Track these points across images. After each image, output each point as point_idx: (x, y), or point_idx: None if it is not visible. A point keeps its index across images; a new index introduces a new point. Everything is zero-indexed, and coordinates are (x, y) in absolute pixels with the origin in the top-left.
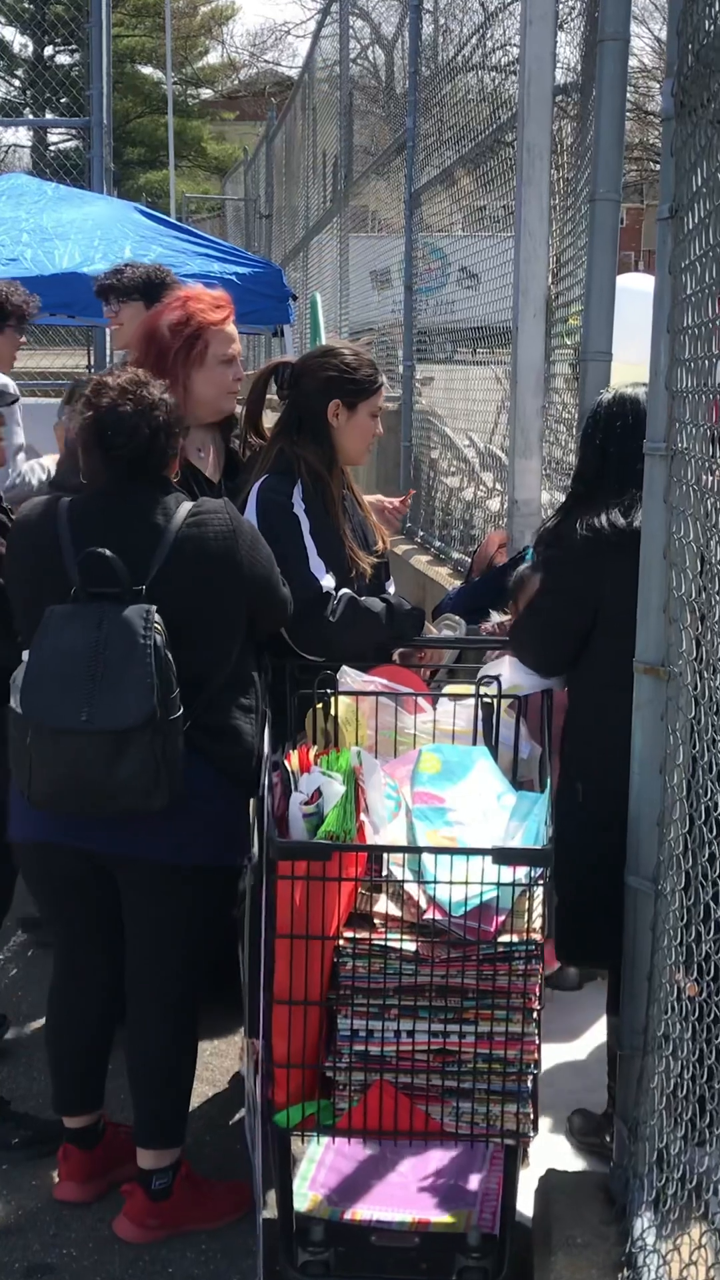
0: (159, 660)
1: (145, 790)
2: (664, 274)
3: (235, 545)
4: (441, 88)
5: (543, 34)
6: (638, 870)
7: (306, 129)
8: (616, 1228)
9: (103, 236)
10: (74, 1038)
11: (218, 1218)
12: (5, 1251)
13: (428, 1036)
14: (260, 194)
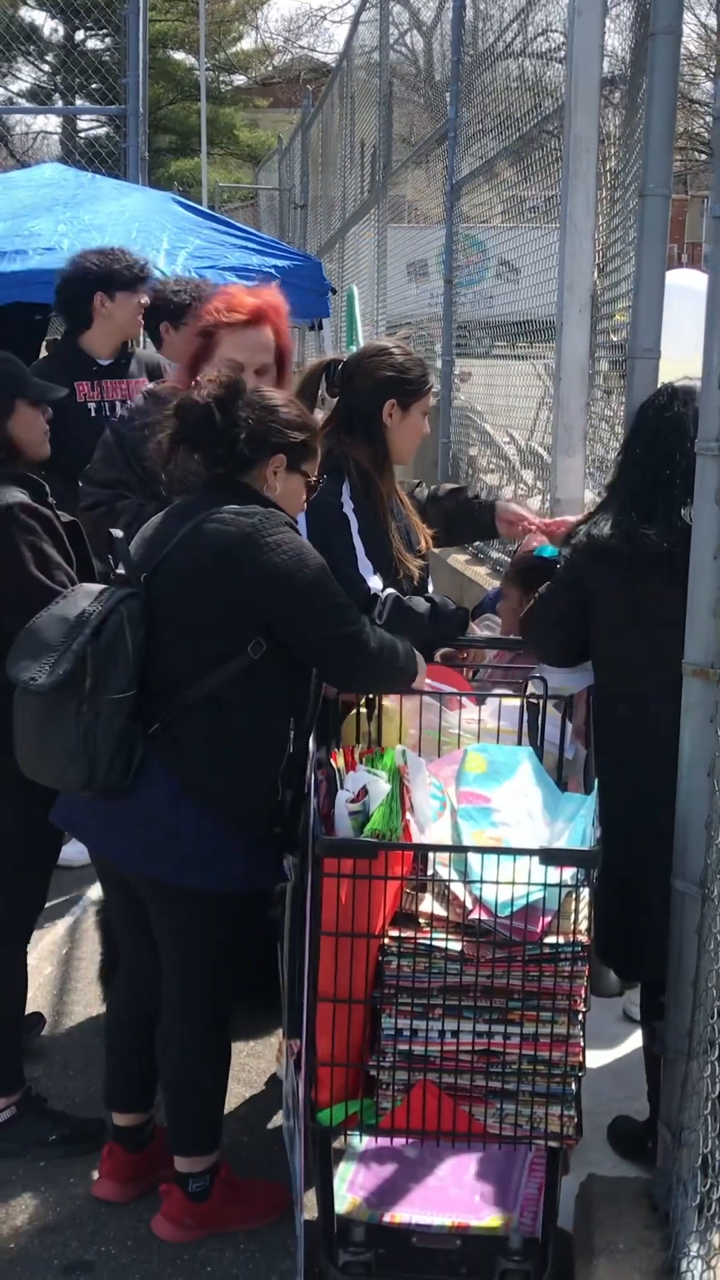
0: (107, 635)
1: (64, 763)
2: (716, 272)
3: (242, 546)
4: (483, 75)
5: (590, 25)
6: (684, 874)
7: (344, 117)
8: (660, 1234)
9: (140, 229)
10: (126, 1034)
11: (256, 1219)
12: (44, 1248)
13: (472, 1037)
14: (295, 183)
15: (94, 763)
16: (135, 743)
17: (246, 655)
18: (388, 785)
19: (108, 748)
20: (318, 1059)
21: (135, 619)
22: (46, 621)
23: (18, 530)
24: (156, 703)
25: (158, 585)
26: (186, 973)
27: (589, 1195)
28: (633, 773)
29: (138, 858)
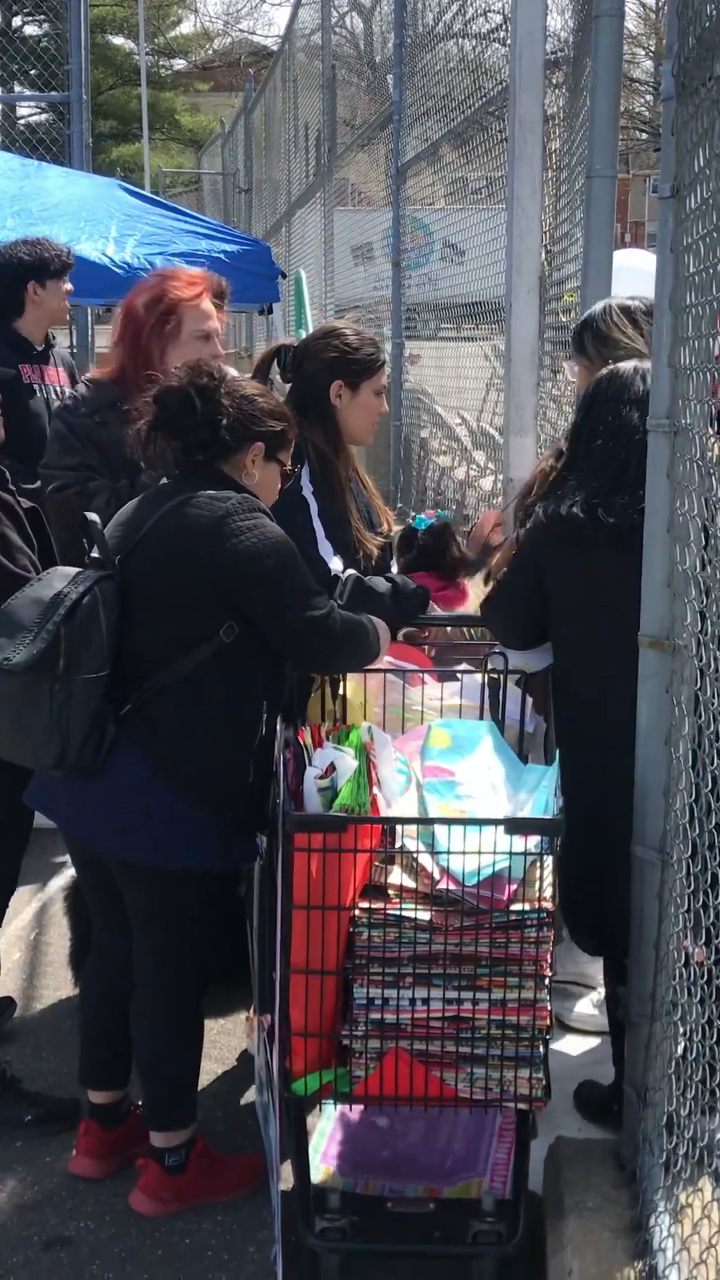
0: (81, 617)
1: (39, 742)
2: (665, 253)
3: (214, 531)
4: (424, 57)
5: (533, 8)
6: (644, 841)
7: (287, 100)
8: (627, 1192)
9: (88, 217)
10: (100, 1013)
11: (232, 1191)
12: (23, 1226)
13: (442, 1004)
14: (239, 168)
15: (66, 742)
16: (107, 723)
17: (219, 638)
18: (355, 761)
19: (81, 727)
20: (291, 1030)
21: (109, 601)
22: (22, 603)
23: None
24: (129, 684)
25: (132, 568)
26: (160, 951)
27: (557, 1157)
28: (596, 750)
29: (111, 839)
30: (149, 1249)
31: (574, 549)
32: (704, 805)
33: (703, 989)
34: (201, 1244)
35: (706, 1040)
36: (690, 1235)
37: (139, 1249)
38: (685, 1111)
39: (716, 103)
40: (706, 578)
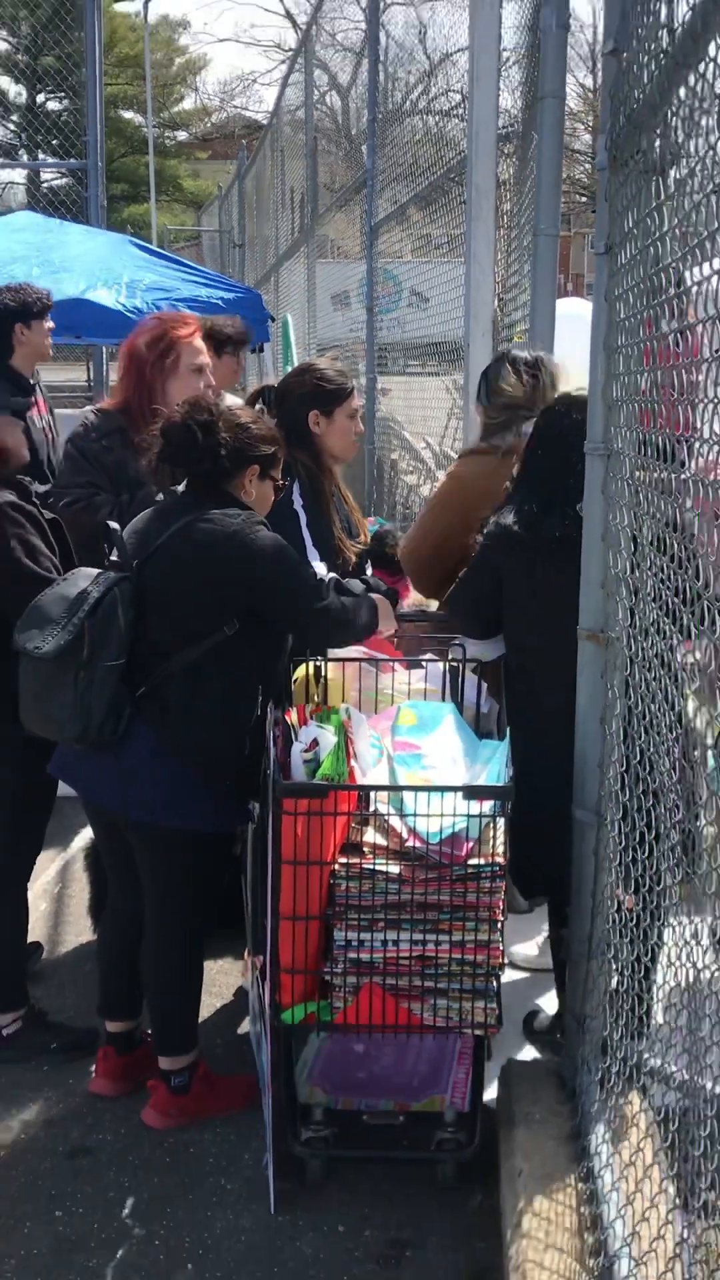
0: (103, 611)
1: (63, 720)
2: (600, 301)
3: (218, 545)
4: (392, 130)
5: (487, 91)
6: (583, 805)
7: (275, 167)
8: (569, 1105)
9: (104, 268)
10: (116, 955)
11: (229, 1107)
12: (50, 1138)
13: (410, 945)
14: (234, 225)
15: (89, 720)
16: (124, 704)
17: (222, 632)
18: (334, 737)
19: (100, 707)
20: (281, 967)
21: (127, 599)
22: (50, 599)
23: (7, 524)
24: (144, 671)
25: (148, 572)
26: (166, 901)
27: (509, 1077)
28: (542, 727)
29: (125, 803)
30: (159, 1157)
31: (521, 555)
32: (633, 775)
33: (632, 931)
34: (204, 1152)
35: (635, 975)
36: (621, 1140)
37: (150, 1157)
38: (617, 1036)
39: (643, 173)
40: (635, 580)
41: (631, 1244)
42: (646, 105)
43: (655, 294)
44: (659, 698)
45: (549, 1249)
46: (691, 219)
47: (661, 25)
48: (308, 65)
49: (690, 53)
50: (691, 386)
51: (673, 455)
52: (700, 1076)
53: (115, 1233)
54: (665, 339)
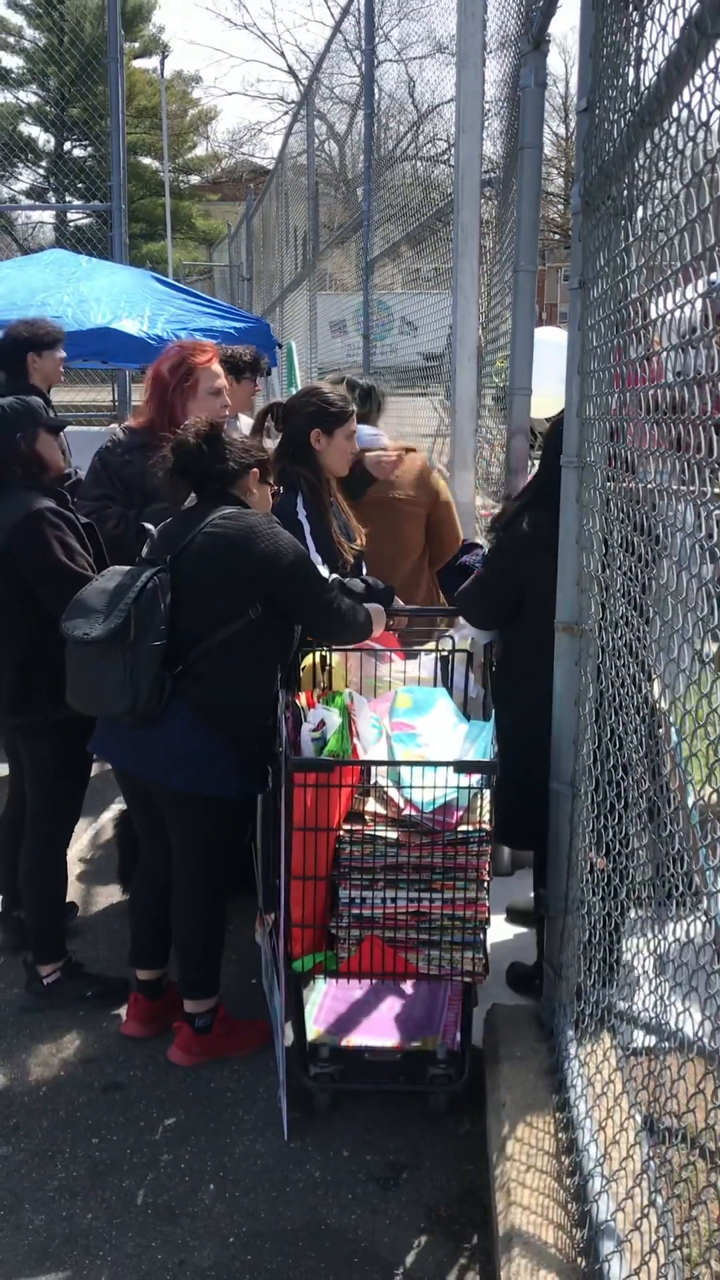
0: (144, 600)
1: (114, 695)
2: (574, 330)
3: (244, 539)
4: (385, 174)
5: (472, 141)
6: (559, 778)
7: (280, 209)
8: (547, 1044)
9: (127, 300)
10: (146, 910)
11: (246, 1047)
12: (86, 1074)
13: (406, 902)
14: (242, 260)
15: (136, 695)
16: (165, 680)
17: (247, 616)
18: (339, 718)
19: (146, 684)
20: (292, 922)
21: (165, 587)
22: (91, 593)
23: (47, 527)
24: (179, 652)
25: (181, 566)
26: (195, 860)
27: (493, 1019)
28: (534, 706)
29: (162, 772)
30: (183, 1090)
31: (545, 558)
32: (604, 751)
33: (603, 889)
34: (223, 1087)
35: (606, 928)
36: (594, 1074)
37: (176, 1091)
38: (590, 983)
39: (613, 217)
40: (605, 578)
41: (603, 1164)
42: (616, 157)
43: (623, 325)
44: (628, 683)
45: (530, 1169)
46: (656, 258)
47: (629, 88)
48: (309, 116)
49: (655, 112)
50: (655, 407)
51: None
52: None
53: (146, 1157)
54: (633, 364)
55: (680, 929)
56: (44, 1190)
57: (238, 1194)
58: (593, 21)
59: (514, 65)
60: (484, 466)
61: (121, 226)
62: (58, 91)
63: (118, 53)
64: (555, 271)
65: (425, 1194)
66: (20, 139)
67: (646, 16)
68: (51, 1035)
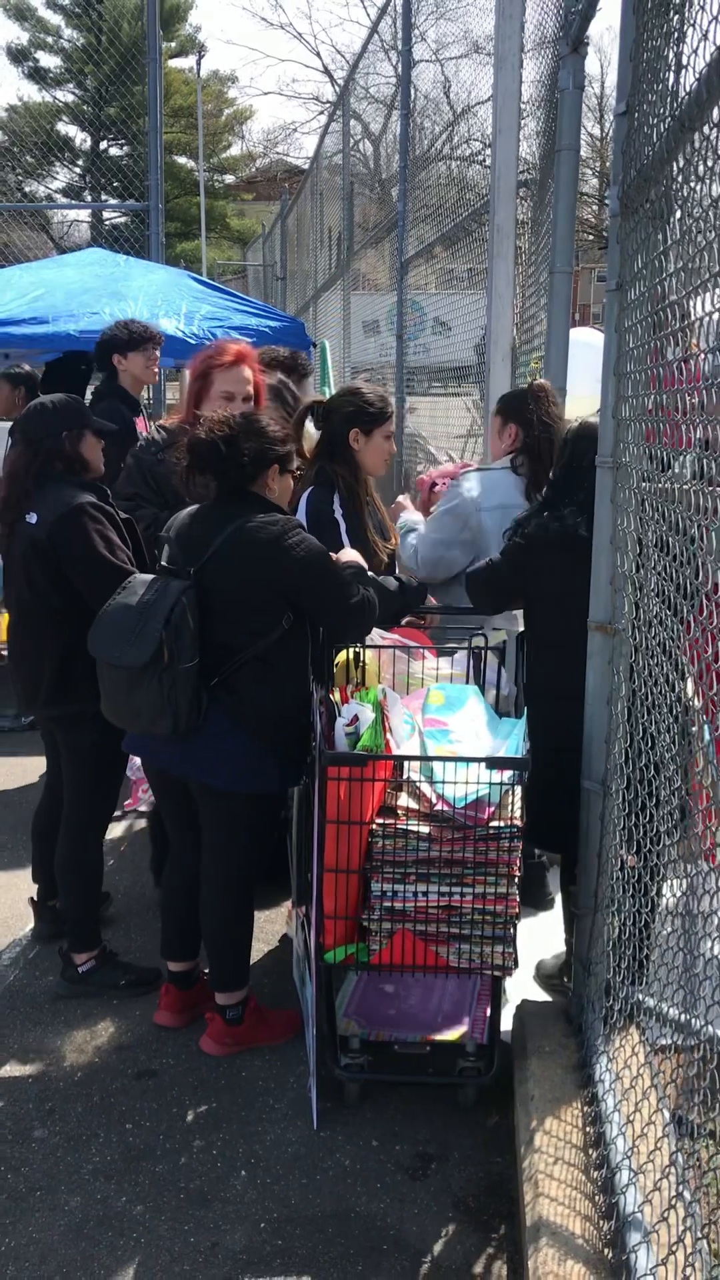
0: (174, 622)
1: (154, 716)
2: (611, 332)
3: (274, 548)
4: (420, 174)
5: (508, 142)
6: (590, 776)
7: (314, 208)
8: (575, 1039)
9: (165, 299)
10: (178, 904)
11: (277, 1037)
12: (121, 1061)
13: (437, 896)
14: (276, 260)
15: (177, 715)
16: (202, 696)
17: (280, 626)
18: (372, 714)
19: (185, 702)
20: (325, 914)
21: (194, 606)
22: (116, 610)
23: (89, 521)
24: (215, 663)
25: (206, 577)
26: (228, 855)
27: (522, 1014)
28: (562, 704)
29: (201, 771)
30: (215, 1079)
31: (559, 555)
32: (635, 749)
33: (632, 886)
34: (254, 1076)
35: (635, 925)
36: (622, 1069)
37: (208, 1079)
38: (619, 979)
39: (651, 220)
40: (639, 578)
41: (631, 1157)
42: (655, 161)
43: (661, 327)
44: (660, 682)
45: (558, 1162)
46: (695, 261)
47: (669, 92)
48: (345, 116)
49: (695, 117)
50: (692, 408)
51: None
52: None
53: (178, 1143)
54: (670, 366)
55: (711, 925)
56: (79, 1173)
57: (269, 1180)
58: (633, 26)
59: (550, 65)
60: None
61: (158, 226)
62: (95, 91)
63: (156, 53)
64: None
65: (454, 1184)
66: (58, 138)
67: (687, 22)
68: (86, 1022)
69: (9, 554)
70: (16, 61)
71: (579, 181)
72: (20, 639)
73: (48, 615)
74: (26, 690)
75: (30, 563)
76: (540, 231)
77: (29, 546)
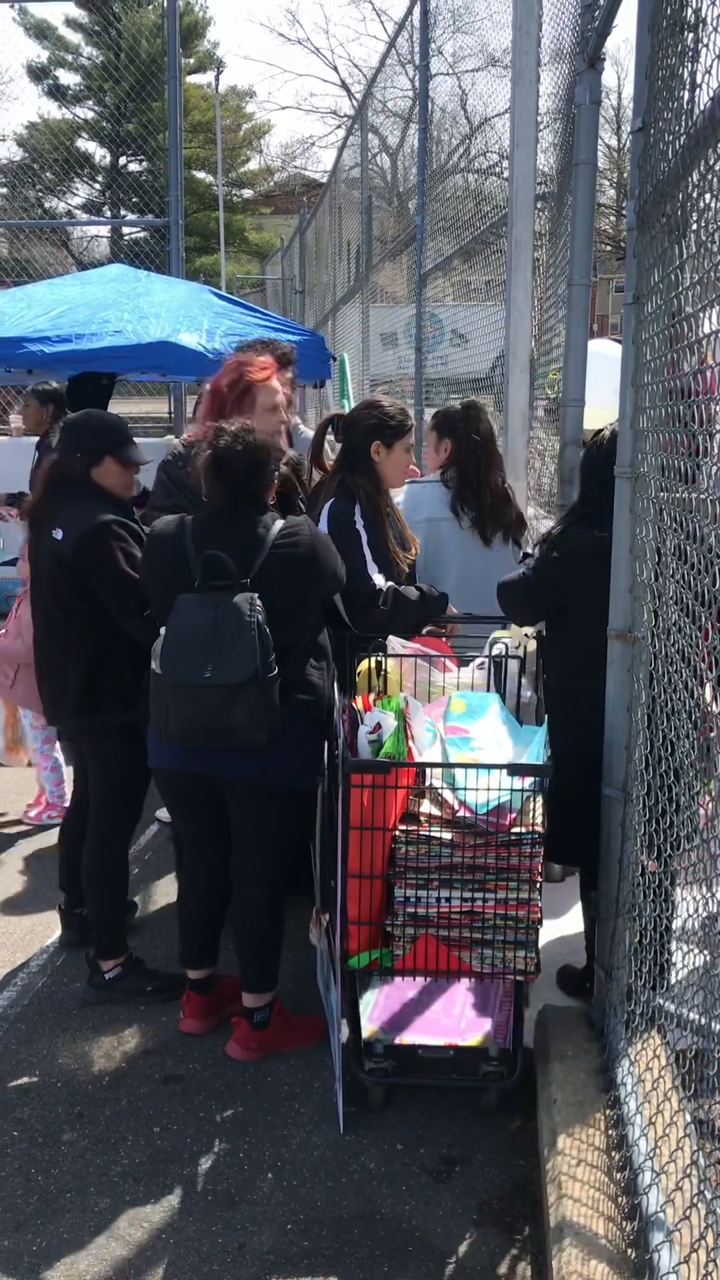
0: (260, 634)
1: (252, 729)
2: (629, 344)
3: (315, 554)
4: (437, 187)
5: (526, 156)
6: (611, 783)
7: (333, 222)
8: (597, 1044)
9: (185, 313)
10: (196, 911)
11: (302, 1042)
12: (147, 1066)
13: (460, 901)
14: (295, 273)
15: (272, 724)
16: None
17: (320, 620)
18: (395, 721)
19: (275, 709)
20: (349, 919)
21: (264, 616)
22: (182, 632)
23: (111, 538)
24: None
25: (260, 587)
26: (262, 856)
27: (545, 1019)
28: (581, 714)
29: (259, 772)
30: (241, 1084)
31: (599, 569)
32: (656, 756)
33: (653, 892)
34: (280, 1080)
35: (656, 931)
36: (644, 1072)
37: (234, 1083)
38: (640, 984)
39: (667, 234)
40: (658, 586)
41: (653, 1158)
42: (670, 176)
43: (677, 339)
44: (679, 688)
45: (581, 1164)
46: (710, 274)
47: (683, 110)
48: (363, 130)
49: (710, 134)
50: (709, 419)
51: (692, 478)
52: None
53: (204, 1146)
54: (686, 378)
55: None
56: (108, 1175)
57: (295, 1183)
58: (648, 45)
59: (567, 78)
60: (535, 477)
61: (178, 241)
62: (114, 107)
63: (176, 71)
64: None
65: (478, 1187)
66: (77, 154)
67: (701, 43)
68: (113, 1028)
69: (36, 569)
70: (37, 79)
71: (596, 193)
72: (47, 652)
73: (74, 629)
74: (53, 702)
75: (56, 578)
76: (558, 244)
77: (54, 562)
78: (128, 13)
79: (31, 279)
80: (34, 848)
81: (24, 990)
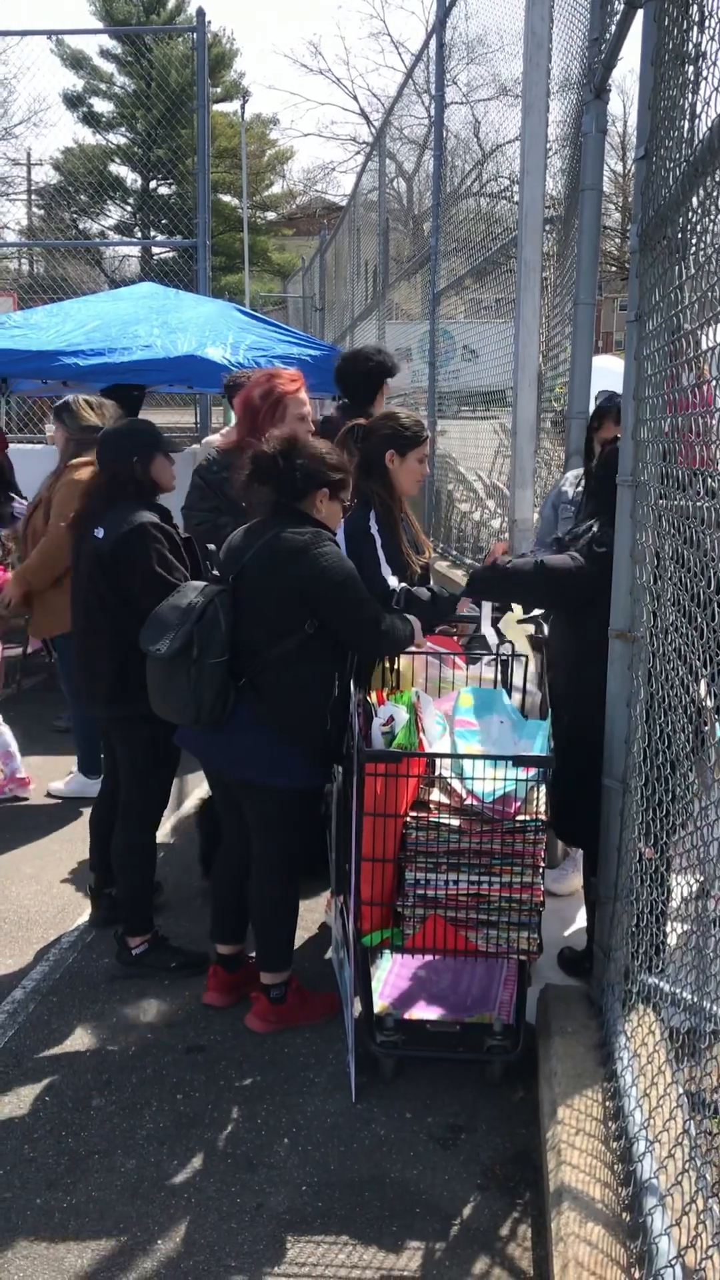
0: (204, 621)
1: (180, 706)
2: (631, 360)
3: (293, 554)
4: (451, 210)
5: (535, 183)
6: (611, 774)
7: (351, 243)
8: (596, 1021)
9: (212, 329)
10: (226, 888)
11: (317, 1016)
12: (171, 1036)
13: (467, 884)
14: (315, 292)
15: (200, 706)
16: (229, 692)
17: (304, 630)
18: (407, 715)
19: (209, 696)
20: (362, 900)
21: (226, 607)
22: (165, 609)
23: (150, 541)
24: (243, 664)
25: (241, 584)
26: (269, 844)
27: (546, 997)
28: (576, 710)
29: (233, 767)
30: (259, 1054)
31: None
32: (654, 749)
33: (650, 878)
34: (295, 1051)
35: (652, 914)
36: (639, 1047)
37: (252, 1054)
38: (636, 964)
39: (667, 256)
40: (657, 589)
41: (647, 1128)
42: (671, 201)
43: (676, 355)
44: (676, 685)
45: (579, 1133)
46: (708, 294)
47: (684, 139)
48: (381, 156)
49: (708, 162)
50: (706, 430)
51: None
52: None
53: (224, 1113)
54: (685, 392)
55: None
56: (134, 1138)
57: (309, 1148)
58: (651, 76)
59: (575, 106)
60: (542, 486)
61: (205, 261)
62: (145, 134)
63: (204, 100)
64: (611, 302)
65: (482, 1153)
66: (110, 178)
67: (701, 77)
68: (139, 1001)
69: (77, 567)
70: (72, 107)
71: (602, 216)
72: (86, 645)
73: (109, 624)
74: (89, 692)
75: (95, 575)
76: (565, 264)
77: (94, 560)
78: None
79: (66, 296)
80: (67, 833)
81: (56, 965)
